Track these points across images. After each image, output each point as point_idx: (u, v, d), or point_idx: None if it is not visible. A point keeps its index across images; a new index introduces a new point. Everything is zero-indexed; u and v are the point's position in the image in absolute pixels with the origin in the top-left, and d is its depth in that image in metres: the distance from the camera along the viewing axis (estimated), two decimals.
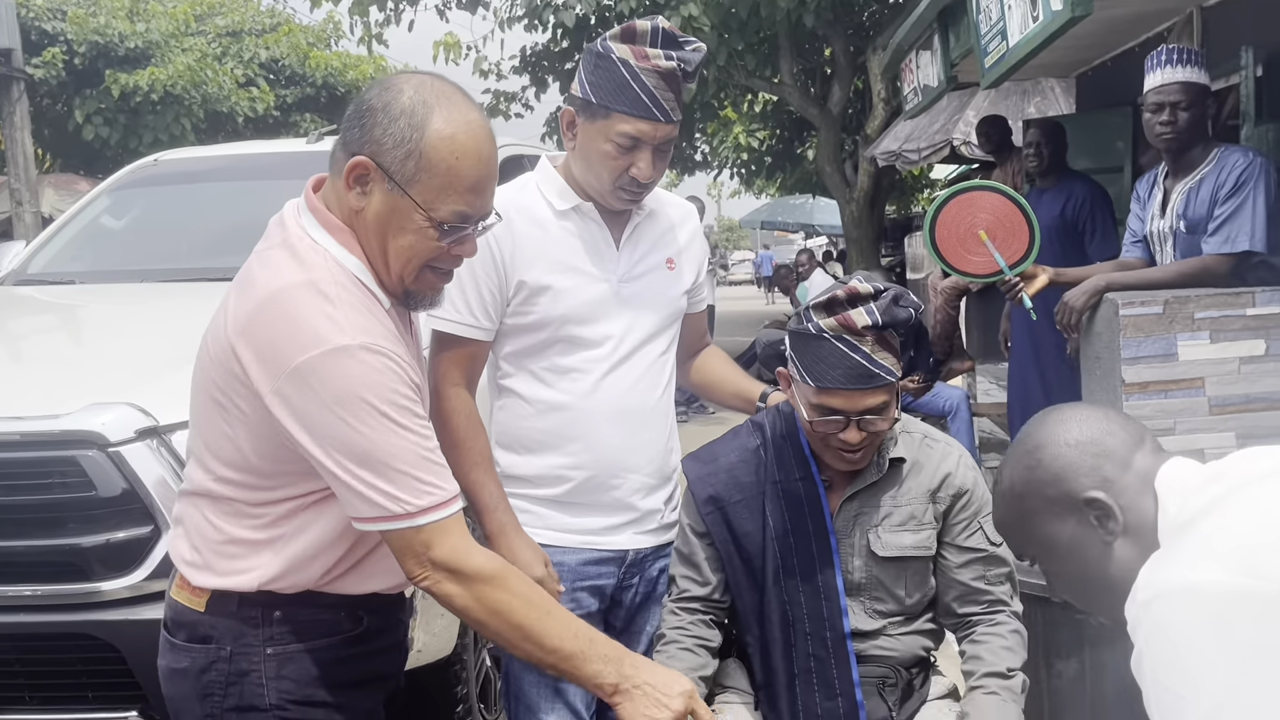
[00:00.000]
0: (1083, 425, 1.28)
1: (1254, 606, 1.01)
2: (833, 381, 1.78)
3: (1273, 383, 2.85)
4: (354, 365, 1.39)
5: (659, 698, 1.50)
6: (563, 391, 1.98)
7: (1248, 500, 1.10)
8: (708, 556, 1.96)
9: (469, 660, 3.00)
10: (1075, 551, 1.27)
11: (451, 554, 1.45)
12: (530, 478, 2.02)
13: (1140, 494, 1.23)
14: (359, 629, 1.59)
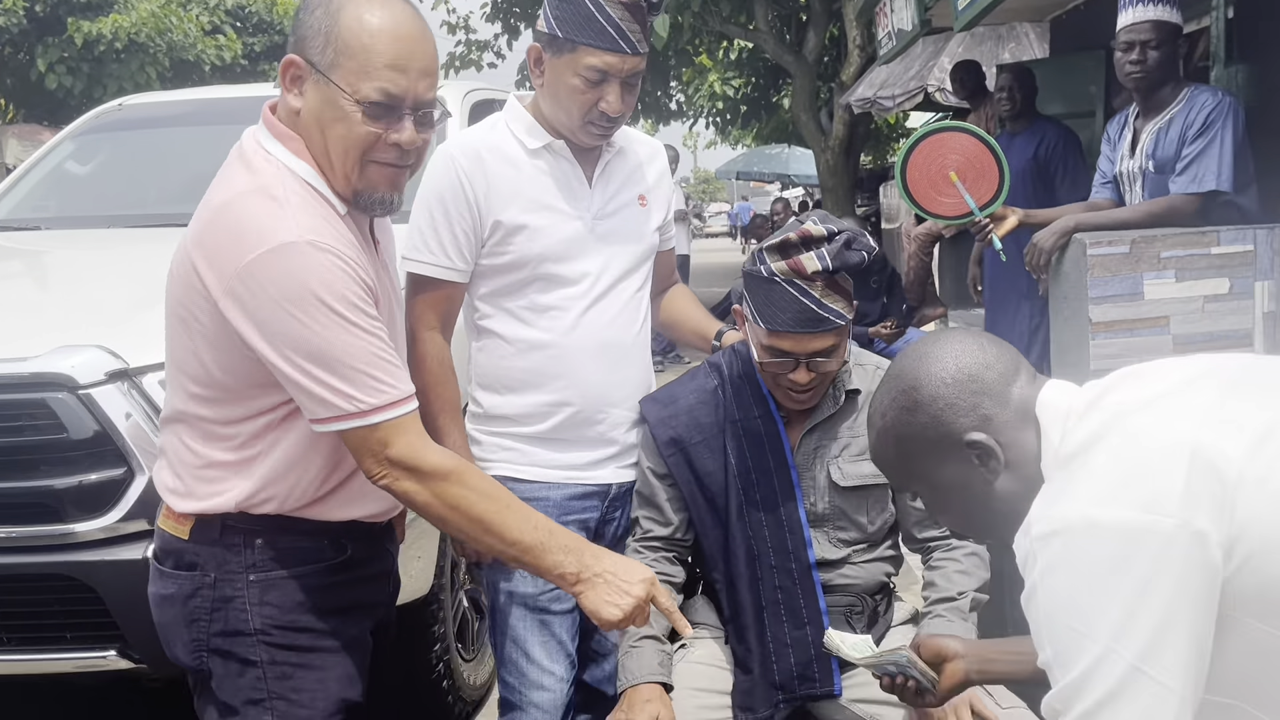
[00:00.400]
0: (958, 360, 1.24)
1: (1153, 542, 1.00)
2: (782, 325, 1.80)
3: (1235, 320, 2.89)
4: (301, 261, 1.41)
5: (620, 585, 1.55)
6: (543, 330, 1.99)
7: (1137, 430, 1.08)
8: (669, 497, 1.99)
9: (446, 601, 3.03)
10: (957, 488, 1.25)
11: (409, 451, 1.47)
12: (513, 416, 2.04)
13: (1020, 428, 1.21)
14: (343, 556, 1.62)
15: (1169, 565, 0.99)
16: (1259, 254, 2.87)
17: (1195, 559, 0.99)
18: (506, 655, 2.05)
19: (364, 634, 1.66)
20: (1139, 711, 1.00)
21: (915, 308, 6.13)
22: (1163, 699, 1.00)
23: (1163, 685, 0.99)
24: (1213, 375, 1.13)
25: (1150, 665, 0.99)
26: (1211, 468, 1.01)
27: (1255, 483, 1.00)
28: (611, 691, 2.21)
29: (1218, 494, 1.00)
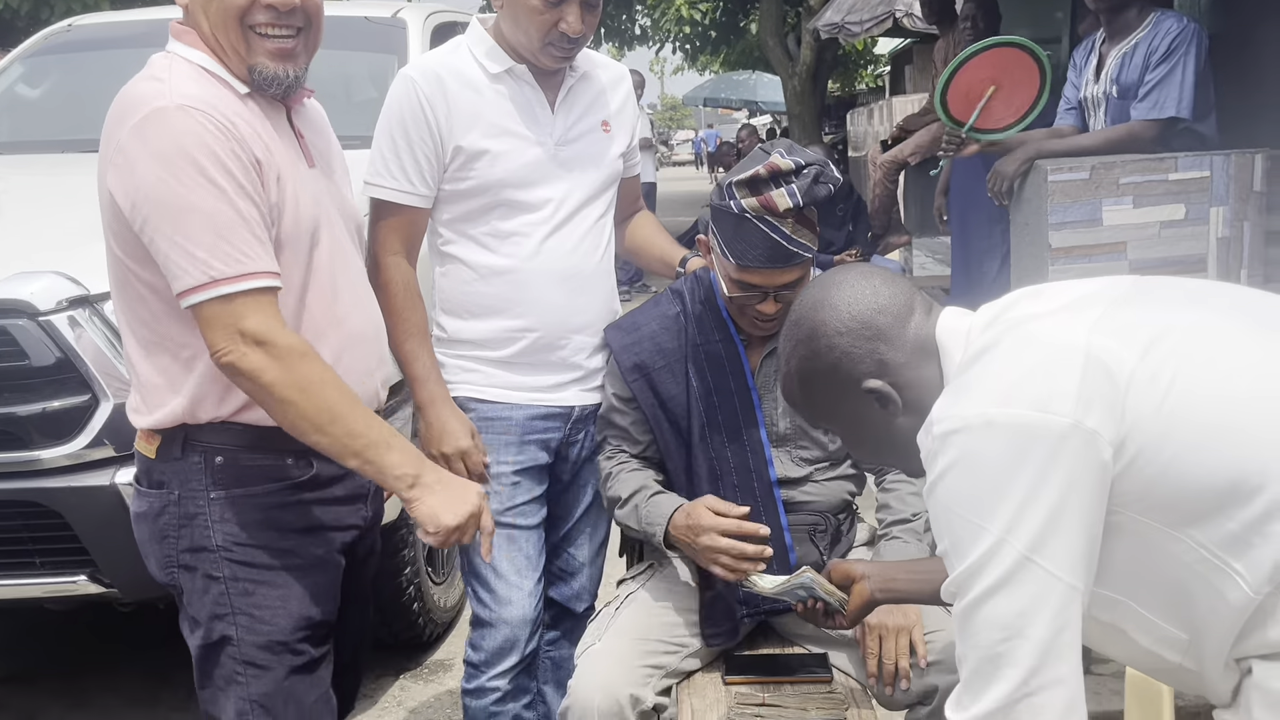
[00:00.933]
0: (851, 307, 1.27)
1: (1046, 440, 1.04)
2: (753, 261, 1.82)
3: (1190, 246, 2.95)
4: (172, 122, 1.44)
5: (458, 492, 1.58)
6: (505, 256, 2.00)
7: (1034, 334, 1.11)
8: (634, 421, 2.02)
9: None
10: (862, 425, 1.31)
11: (264, 327, 1.47)
12: (476, 340, 2.05)
13: (918, 365, 1.25)
14: (307, 475, 1.64)
15: (1061, 462, 1.04)
16: (1215, 180, 2.92)
17: (1086, 457, 1.04)
18: (475, 570, 2.09)
19: (331, 554, 1.68)
20: (1027, 597, 1.05)
21: (880, 235, 6.16)
22: (1050, 586, 1.05)
23: (1050, 574, 1.04)
24: (1107, 291, 1.17)
25: (1039, 555, 1.04)
26: (1104, 369, 1.05)
27: (1145, 382, 1.04)
28: (580, 609, 2.27)
29: (1109, 395, 1.04)
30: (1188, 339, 1.08)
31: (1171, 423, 1.03)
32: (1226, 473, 1.02)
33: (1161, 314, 1.12)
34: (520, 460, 2.07)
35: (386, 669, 3.20)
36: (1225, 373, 1.06)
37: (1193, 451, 1.03)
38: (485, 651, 2.11)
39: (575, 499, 2.20)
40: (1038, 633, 1.05)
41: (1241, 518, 1.01)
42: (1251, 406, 1.04)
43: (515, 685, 2.13)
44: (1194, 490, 1.03)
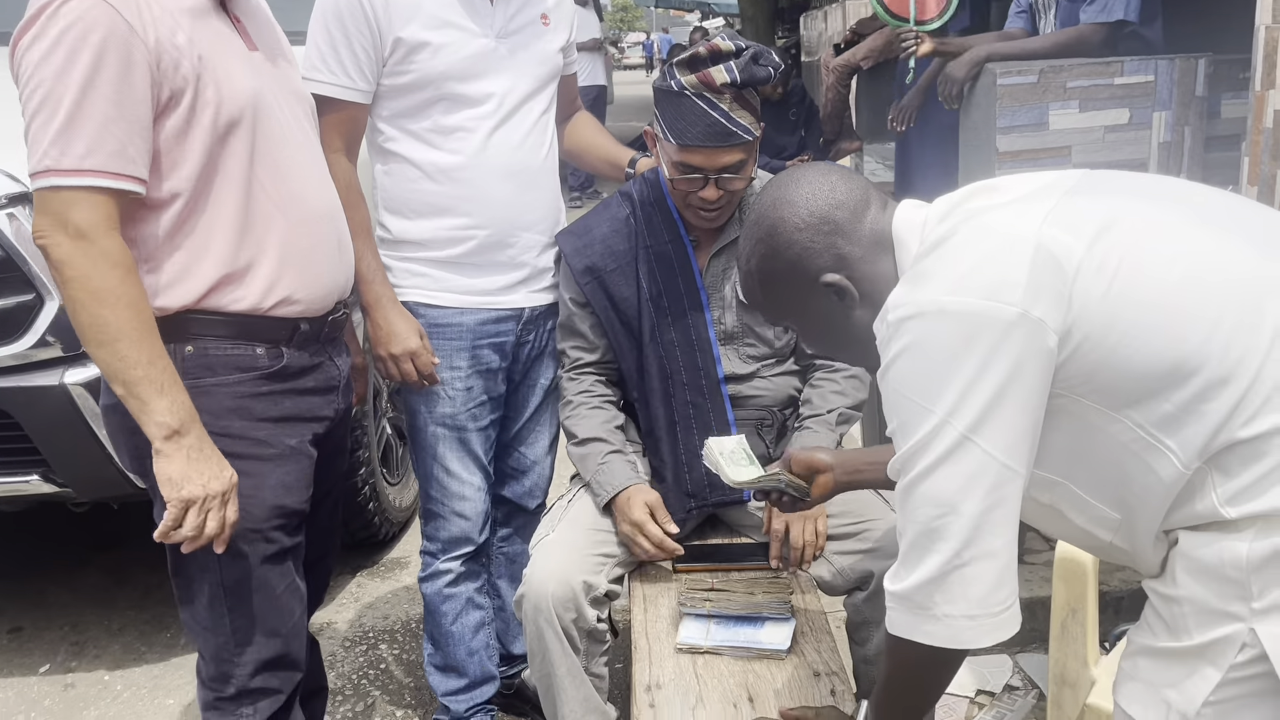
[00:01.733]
0: (809, 203, 1.30)
1: (994, 327, 1.08)
2: (692, 139, 1.83)
3: (1132, 150, 3.00)
4: (68, 7, 1.42)
5: (215, 464, 1.53)
6: (450, 152, 1.98)
7: (987, 225, 1.15)
8: (591, 325, 2.05)
9: (369, 427, 3.09)
10: (820, 320, 1.35)
11: (89, 223, 1.44)
12: (423, 241, 2.04)
13: (875, 260, 1.29)
14: (278, 365, 1.65)
15: (1007, 349, 1.08)
16: (1159, 85, 2.96)
17: (1032, 345, 1.08)
18: (428, 470, 2.13)
19: (304, 445, 1.70)
20: (963, 475, 1.11)
21: (832, 141, 6.14)
22: (986, 466, 1.10)
23: (987, 454, 1.10)
24: (1059, 183, 1.20)
25: (978, 436, 1.10)
26: (1053, 259, 1.09)
27: (1092, 271, 1.09)
28: (532, 505, 2.33)
29: (1057, 285, 1.08)
30: (1133, 228, 1.12)
31: (1115, 309, 1.08)
32: (1166, 357, 1.07)
33: (1109, 204, 1.16)
34: (472, 365, 2.09)
35: (344, 567, 3.26)
36: (1166, 260, 1.10)
37: (1134, 337, 1.07)
38: (439, 542, 2.17)
39: (526, 398, 2.23)
40: (971, 508, 1.11)
41: (1177, 399, 1.07)
42: (1188, 292, 1.08)
43: (467, 569, 2.20)
44: (1135, 374, 1.08)
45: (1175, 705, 1.12)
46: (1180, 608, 1.11)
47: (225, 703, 1.70)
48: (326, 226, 1.72)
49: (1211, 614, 1.09)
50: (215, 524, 1.54)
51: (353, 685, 2.69)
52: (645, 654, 1.74)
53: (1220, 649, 1.08)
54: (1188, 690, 1.10)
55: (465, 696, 2.25)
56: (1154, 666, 1.15)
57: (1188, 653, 1.11)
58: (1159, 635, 1.15)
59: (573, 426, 2.03)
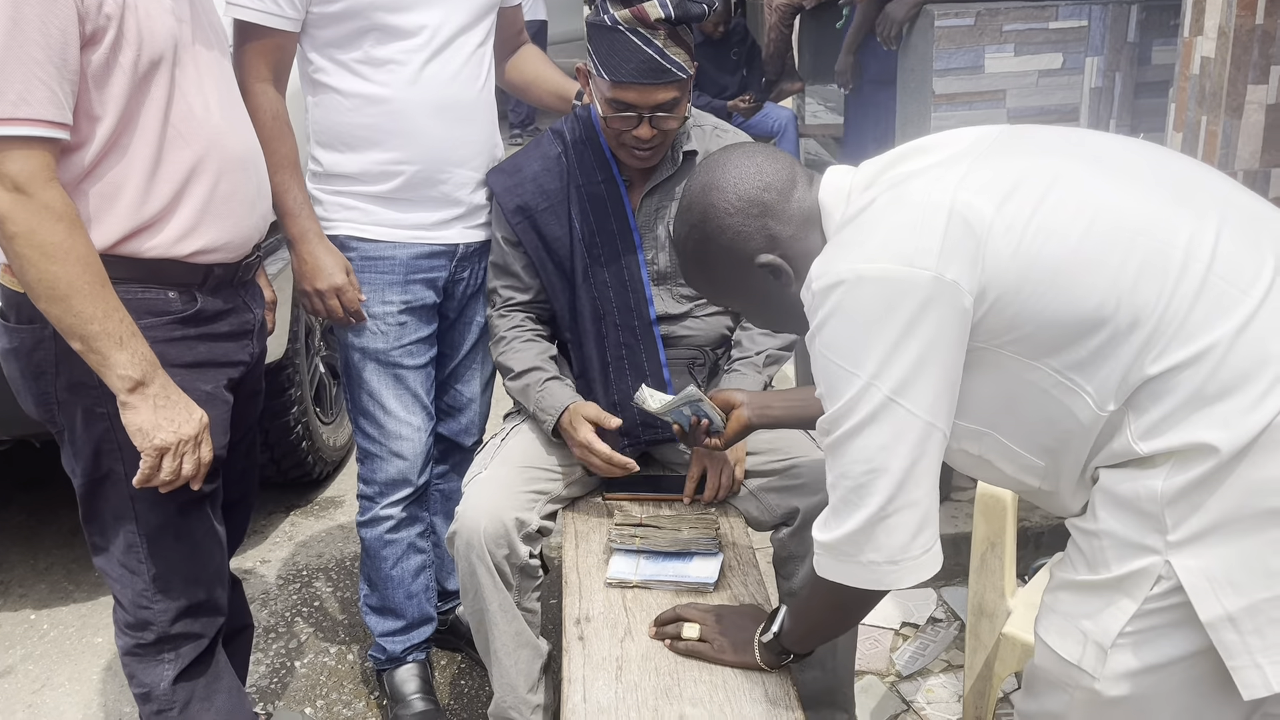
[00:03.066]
0: (739, 187, 1.34)
1: (912, 292, 1.13)
2: (626, 75, 1.81)
3: (1064, 95, 3.03)
4: None
5: (183, 410, 1.52)
6: (380, 84, 1.94)
7: (904, 193, 1.19)
8: (524, 265, 2.03)
9: (301, 365, 3.06)
10: (760, 298, 1.39)
11: (27, 174, 1.40)
12: (354, 175, 2.00)
13: (805, 237, 1.33)
14: (191, 309, 1.61)
15: (925, 313, 1.13)
16: (1093, 30, 2.99)
17: (948, 307, 1.13)
18: (364, 408, 2.11)
19: (219, 390, 1.68)
20: (888, 433, 1.18)
21: (774, 82, 6.11)
22: (909, 424, 1.17)
23: (910, 413, 1.17)
24: (978, 144, 1.23)
25: (901, 396, 1.16)
26: (965, 223, 1.13)
27: (1002, 231, 1.13)
28: (468, 442, 2.32)
29: (970, 247, 1.13)
30: (1040, 186, 1.15)
31: (1025, 266, 1.12)
32: (1076, 307, 1.11)
33: (1021, 162, 1.19)
34: (405, 300, 2.06)
35: (277, 506, 3.24)
36: (1071, 213, 1.13)
37: (1045, 291, 1.12)
38: (377, 484, 2.16)
39: (461, 336, 2.22)
40: (896, 464, 1.18)
41: (1090, 344, 1.11)
42: (1093, 242, 1.12)
43: (408, 514, 2.19)
44: (1049, 324, 1.12)
45: (1091, 635, 1.16)
46: (1099, 541, 1.15)
47: (145, 649, 1.69)
48: (246, 171, 1.67)
49: (1129, 547, 1.13)
50: (191, 465, 1.55)
51: (285, 623, 2.68)
52: (576, 588, 1.77)
53: (1136, 581, 1.12)
54: (1104, 621, 1.15)
55: (403, 638, 2.26)
56: (1073, 599, 1.20)
57: (1105, 585, 1.15)
58: (1079, 569, 1.19)
59: (508, 361, 2.03)
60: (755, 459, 1.97)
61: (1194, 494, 1.08)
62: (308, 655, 2.56)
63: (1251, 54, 2.39)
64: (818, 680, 1.94)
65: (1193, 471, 1.08)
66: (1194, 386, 1.08)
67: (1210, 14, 2.45)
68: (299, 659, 2.54)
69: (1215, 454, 1.06)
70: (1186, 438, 1.08)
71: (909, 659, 2.46)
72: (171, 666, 1.72)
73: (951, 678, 2.41)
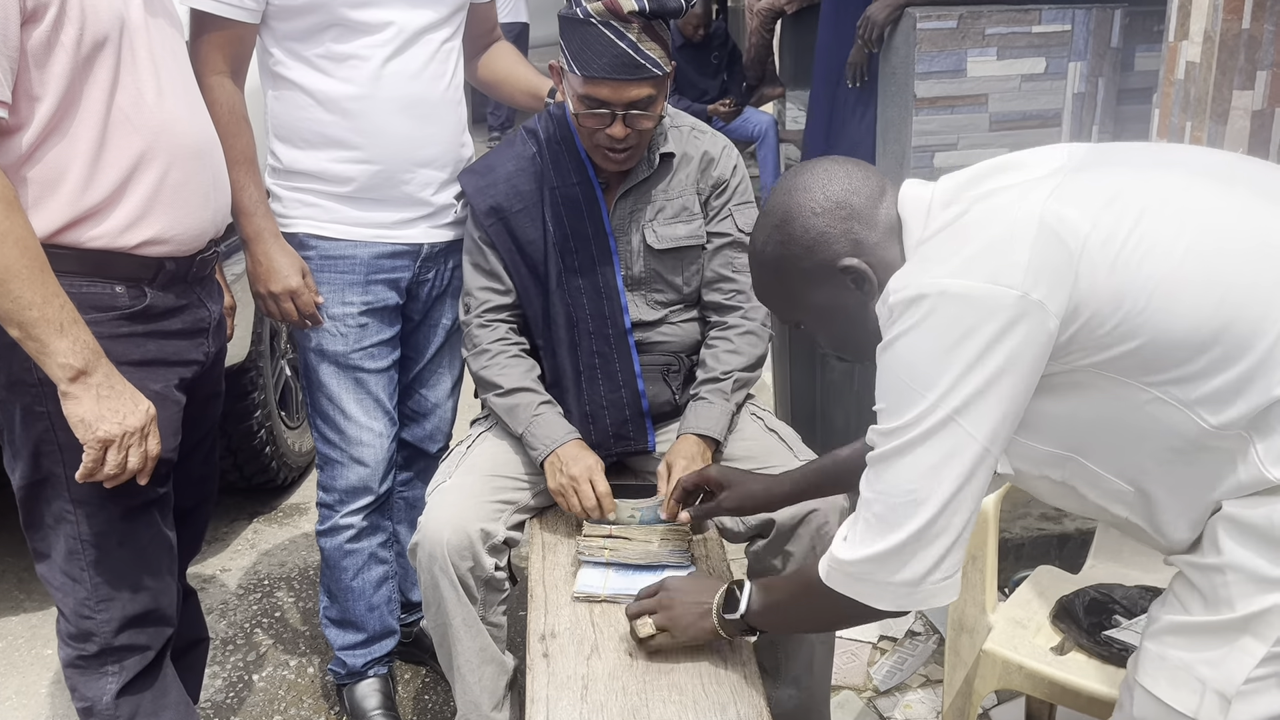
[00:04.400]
0: (827, 189, 1.27)
1: (995, 312, 1.06)
2: (599, 70, 1.74)
3: (1047, 100, 3.00)
4: None
5: (129, 401, 1.46)
6: (343, 80, 1.87)
7: (993, 207, 1.13)
8: (504, 267, 1.95)
9: (265, 368, 2.97)
10: (837, 312, 1.31)
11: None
12: (314, 173, 1.93)
13: (890, 246, 1.26)
14: (139, 305, 1.54)
15: (1005, 335, 1.07)
16: (1075, 34, 2.95)
17: (1032, 329, 1.07)
18: (323, 412, 2.04)
19: (169, 390, 1.60)
20: (942, 452, 1.11)
21: (755, 86, 6.08)
22: (966, 446, 1.11)
23: (969, 435, 1.10)
24: (1068, 161, 1.18)
25: (963, 417, 1.10)
26: (1056, 237, 1.07)
27: (1099, 245, 1.06)
28: (433, 449, 2.25)
29: (1059, 262, 1.06)
30: (1138, 198, 1.09)
31: (1124, 281, 1.05)
32: (1179, 326, 1.04)
33: (1117, 175, 1.14)
34: (367, 300, 1.99)
35: (240, 513, 3.15)
36: (1175, 227, 1.07)
37: (1146, 306, 1.05)
38: (337, 492, 2.08)
39: (427, 339, 2.14)
40: (944, 488, 1.12)
41: (1197, 364, 1.04)
42: (1198, 256, 1.05)
43: (370, 523, 2.11)
44: (1150, 342, 1.05)
45: (1212, 683, 1.07)
46: (1223, 576, 1.07)
47: (88, 661, 1.61)
48: (199, 161, 1.60)
49: (1259, 582, 1.05)
50: (137, 459, 1.48)
51: (244, 634, 2.60)
52: (541, 602, 1.69)
53: (1267, 620, 1.04)
54: (1227, 667, 1.06)
55: (363, 652, 2.18)
56: (1186, 643, 1.11)
57: (1227, 626, 1.07)
58: (1192, 610, 1.11)
59: (495, 377, 1.93)
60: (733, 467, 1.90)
61: None
62: (266, 668, 2.47)
63: (1238, 59, 2.35)
64: (793, 699, 1.88)
65: None
66: None
67: (1196, 18, 2.41)
68: (257, 672, 2.46)
69: None
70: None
71: (887, 673, 2.40)
72: (115, 680, 1.64)
73: (930, 693, 2.35)
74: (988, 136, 3.04)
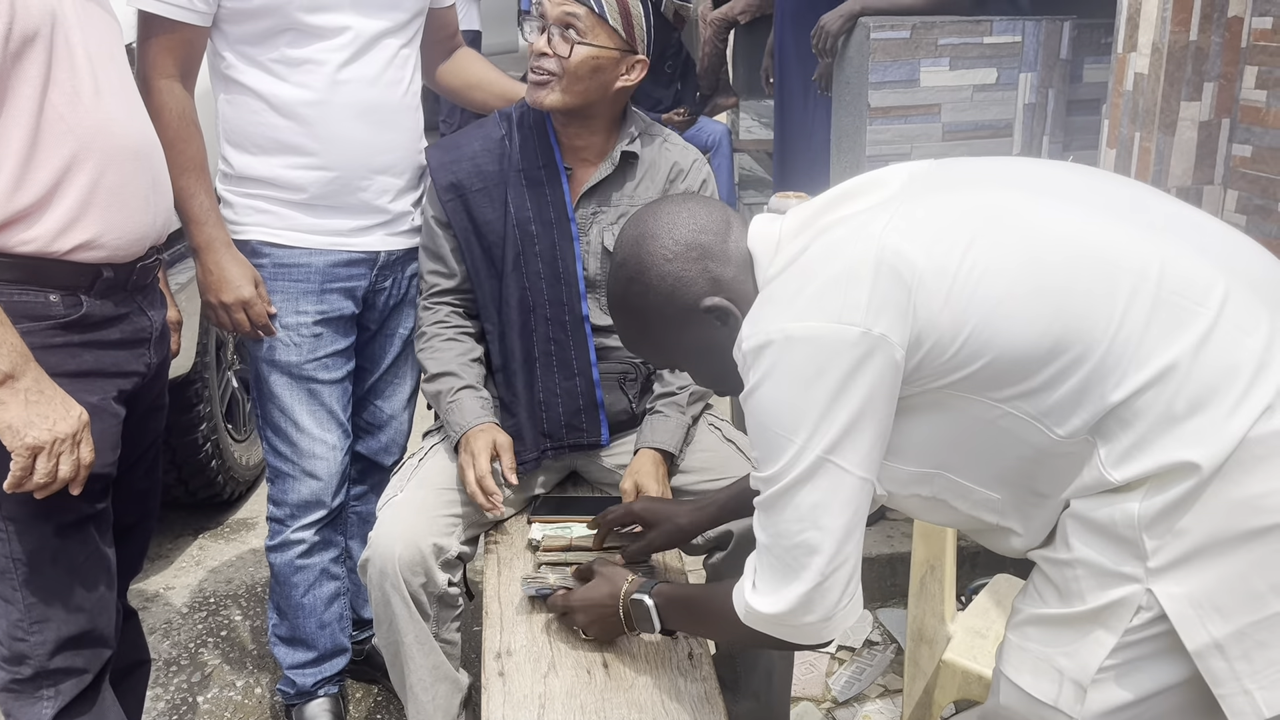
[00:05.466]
0: (674, 232, 1.28)
1: (842, 350, 1.08)
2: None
3: (999, 111, 3.02)
4: None
5: (59, 406, 1.41)
6: (298, 85, 1.82)
7: (831, 244, 1.14)
8: (452, 248, 1.92)
9: (211, 380, 2.90)
10: (708, 351, 1.31)
11: None
12: (268, 179, 1.88)
13: (746, 280, 1.27)
14: (75, 314, 1.48)
15: (856, 371, 1.08)
16: (1026, 46, 2.98)
17: (879, 362, 1.08)
18: (275, 424, 1.98)
19: (107, 402, 1.54)
20: (822, 491, 1.13)
21: (708, 96, 6.08)
22: (843, 481, 1.12)
23: (844, 470, 1.12)
24: (911, 182, 1.18)
25: (836, 455, 1.11)
26: (893, 273, 1.08)
27: (934, 275, 1.08)
28: (388, 462, 2.20)
29: (898, 297, 1.08)
30: (974, 221, 1.11)
31: (960, 310, 1.07)
32: (1019, 344, 1.06)
33: (952, 198, 1.15)
34: (321, 310, 1.94)
35: (185, 528, 3.06)
36: (1006, 248, 1.08)
37: (984, 329, 1.06)
38: (288, 506, 2.02)
39: (383, 349, 2.10)
40: (832, 522, 1.13)
41: (1038, 378, 1.06)
42: (1031, 275, 1.07)
43: (321, 538, 2.06)
44: (991, 362, 1.07)
45: (1069, 672, 1.10)
46: (1073, 570, 1.09)
47: (22, 685, 1.54)
48: (138, 163, 1.54)
49: (1106, 576, 1.07)
50: (69, 468, 1.41)
51: (189, 654, 2.52)
52: (497, 619, 1.66)
53: (1115, 612, 1.06)
54: (1081, 656, 1.08)
55: (314, 670, 2.12)
56: (1044, 635, 1.13)
57: (1080, 618, 1.09)
58: (1049, 602, 1.13)
59: (426, 360, 1.91)
60: (686, 478, 1.88)
61: (1173, 516, 1.02)
62: (212, 689, 2.40)
63: (1185, 70, 2.39)
64: (752, 712, 1.86)
65: (1171, 492, 1.02)
66: (1162, 407, 1.03)
67: (1144, 30, 2.44)
68: (202, 693, 2.38)
69: (1195, 471, 1.01)
70: (1162, 459, 1.03)
71: (845, 684, 2.39)
72: (51, 704, 1.57)
73: (889, 703, 2.34)
74: (941, 146, 3.05)
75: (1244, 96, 2.39)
